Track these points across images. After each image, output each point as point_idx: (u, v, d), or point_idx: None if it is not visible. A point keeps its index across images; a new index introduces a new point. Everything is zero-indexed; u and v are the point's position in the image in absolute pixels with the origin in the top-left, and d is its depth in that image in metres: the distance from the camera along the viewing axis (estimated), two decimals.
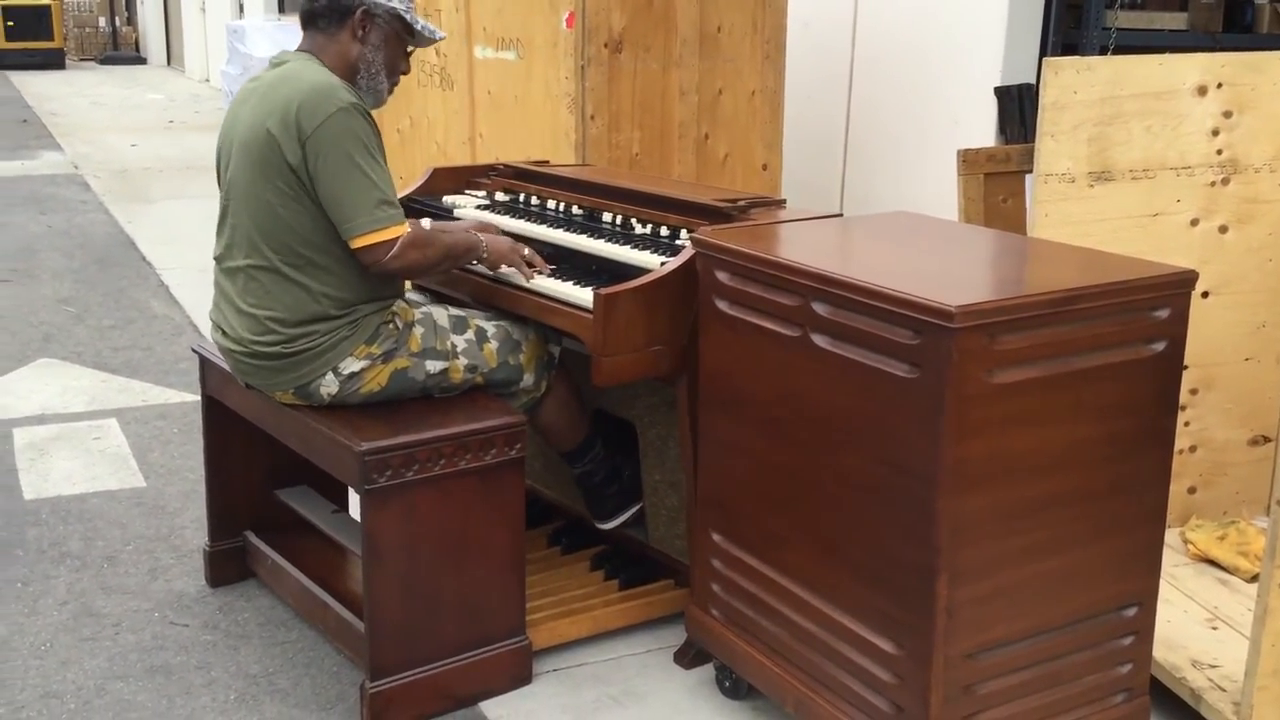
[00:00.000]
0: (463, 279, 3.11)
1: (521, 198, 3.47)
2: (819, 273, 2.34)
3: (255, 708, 2.84)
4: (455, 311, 2.98)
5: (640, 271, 2.79)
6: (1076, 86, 3.00)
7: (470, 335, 2.93)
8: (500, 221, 3.23)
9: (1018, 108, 4.76)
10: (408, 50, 2.96)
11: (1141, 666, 2.50)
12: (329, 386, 2.79)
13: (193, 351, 3.42)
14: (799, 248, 2.67)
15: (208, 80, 17.12)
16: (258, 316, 2.79)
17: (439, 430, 2.71)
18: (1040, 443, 2.22)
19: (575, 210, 3.28)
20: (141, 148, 11.25)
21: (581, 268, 2.98)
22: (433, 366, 2.86)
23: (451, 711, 2.81)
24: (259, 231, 2.77)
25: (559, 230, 3.15)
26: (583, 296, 2.75)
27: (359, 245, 2.71)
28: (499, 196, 3.54)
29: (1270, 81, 3.15)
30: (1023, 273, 2.59)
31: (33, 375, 5.13)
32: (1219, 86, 3.11)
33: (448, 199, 3.52)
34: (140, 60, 21.44)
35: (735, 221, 2.90)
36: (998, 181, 3.98)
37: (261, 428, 3.07)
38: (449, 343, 2.89)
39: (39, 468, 4.19)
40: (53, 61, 18.92)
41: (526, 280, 2.92)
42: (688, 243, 2.78)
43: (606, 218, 3.16)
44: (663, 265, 2.76)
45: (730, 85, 4.28)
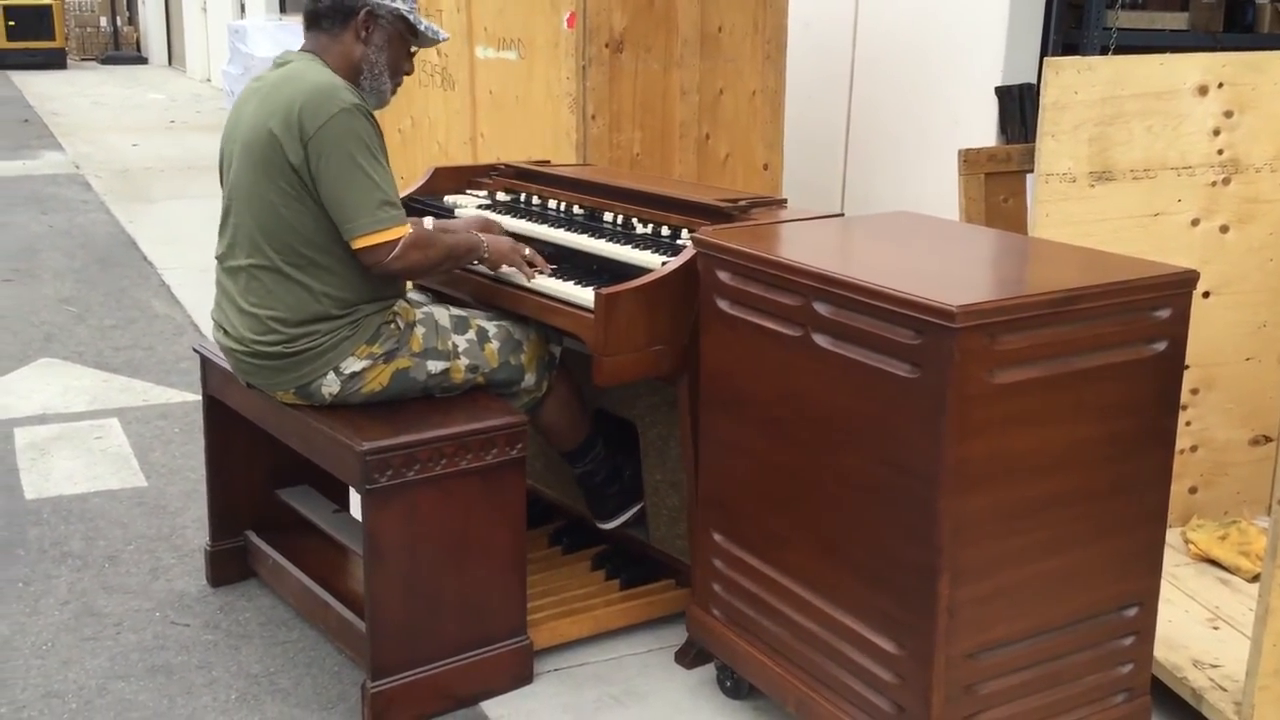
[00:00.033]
0: (464, 279, 3.11)
1: (523, 197, 3.47)
2: (820, 272, 2.34)
3: (256, 707, 2.84)
4: (457, 311, 2.98)
5: (641, 271, 2.79)
6: (1077, 86, 3.00)
7: (472, 335, 2.93)
8: (501, 220, 3.23)
9: (1018, 107, 4.76)
10: (411, 51, 2.96)
11: (1142, 666, 2.50)
12: (330, 386, 2.80)
13: (194, 351, 3.42)
14: (800, 247, 2.67)
15: (209, 80, 17.13)
16: (259, 316, 2.79)
17: (440, 430, 2.71)
18: (1041, 443, 2.23)
19: (576, 210, 3.28)
20: (143, 147, 11.25)
21: (582, 267, 2.98)
22: (434, 366, 2.86)
23: (453, 711, 2.81)
24: (261, 231, 2.77)
25: (560, 230, 3.15)
26: (584, 296, 2.76)
27: (361, 246, 2.71)
28: (500, 196, 3.54)
29: (1271, 81, 3.15)
30: (1024, 273, 2.59)
31: (34, 375, 5.14)
32: (1220, 86, 3.11)
33: (449, 199, 3.52)
34: (141, 60, 21.44)
35: (736, 221, 2.91)
36: (999, 181, 3.98)
37: (263, 427, 3.07)
38: (450, 343, 2.89)
39: (40, 467, 4.19)
40: (54, 61, 18.91)
41: (528, 280, 2.93)
42: (689, 242, 2.78)
43: (608, 217, 3.16)
44: (664, 265, 2.76)
45: (731, 85, 4.28)
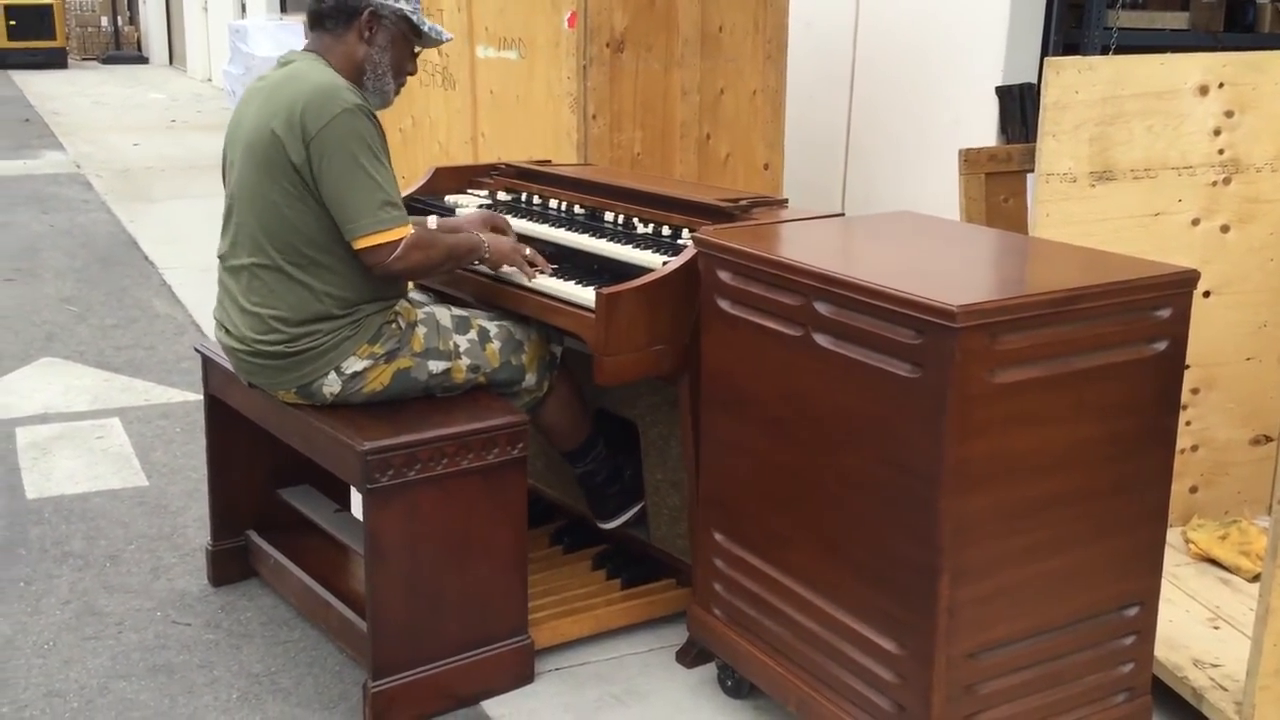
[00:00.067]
0: (465, 279, 3.12)
1: (523, 197, 3.47)
2: (821, 272, 2.34)
3: (258, 707, 2.84)
4: (458, 311, 2.98)
5: (642, 271, 2.79)
6: (1078, 86, 3.00)
7: (473, 335, 2.93)
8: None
9: (1019, 107, 4.76)
10: (414, 51, 2.96)
11: (1143, 666, 2.50)
12: (331, 386, 2.80)
13: (195, 351, 3.43)
14: (801, 247, 2.67)
15: (210, 80, 17.12)
16: (261, 315, 2.80)
17: (441, 429, 2.71)
18: (1042, 442, 2.23)
19: (577, 210, 3.28)
20: (144, 147, 11.25)
21: (583, 267, 2.99)
22: (435, 366, 2.86)
23: (454, 710, 2.81)
24: (263, 231, 2.77)
25: (561, 230, 3.15)
26: (585, 296, 2.76)
27: (362, 246, 2.71)
28: (501, 196, 3.55)
29: (1272, 81, 3.15)
30: (1024, 272, 2.59)
31: (35, 374, 5.14)
32: (1220, 86, 3.11)
33: (450, 198, 3.52)
34: (142, 60, 21.43)
35: (737, 221, 2.91)
36: (999, 181, 3.98)
37: (264, 427, 3.07)
38: (452, 343, 2.89)
39: (41, 467, 4.19)
40: (55, 61, 18.91)
41: (529, 280, 2.93)
42: (689, 242, 2.78)
43: (608, 217, 3.16)
44: (665, 265, 2.76)
45: (732, 85, 4.28)
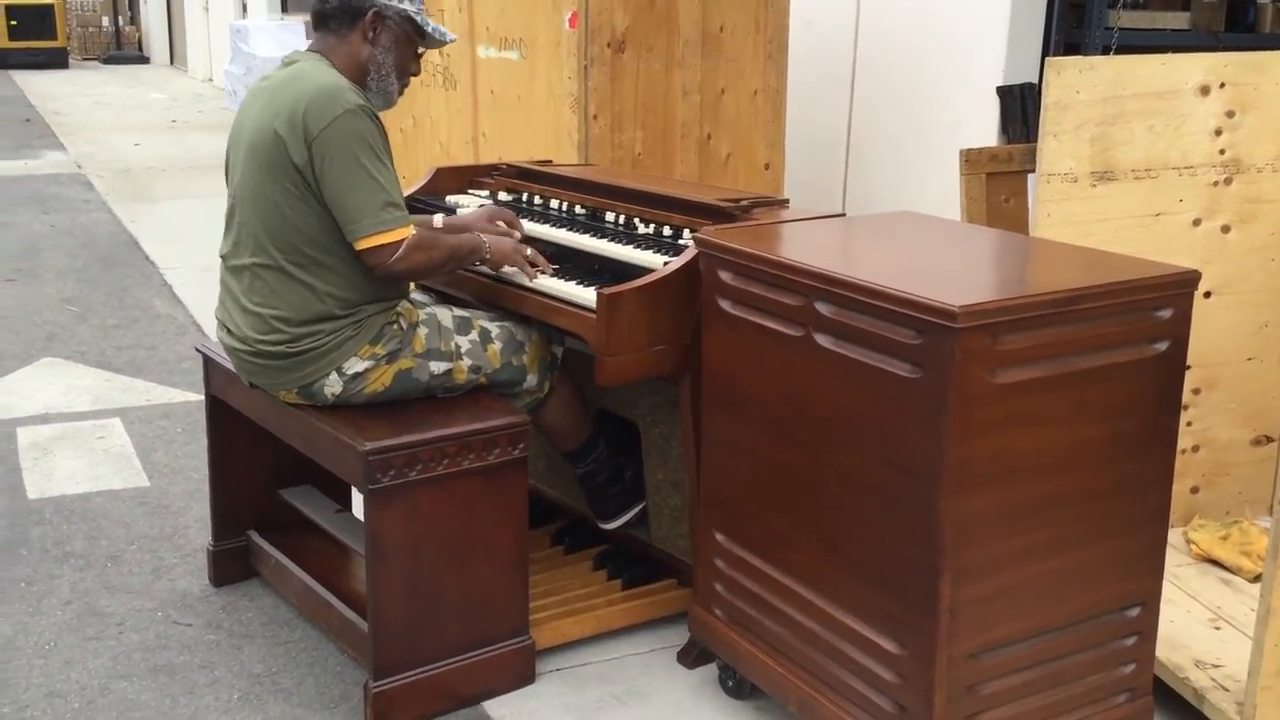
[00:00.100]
0: (466, 279, 3.12)
1: (524, 197, 3.47)
2: (822, 272, 2.34)
3: (259, 707, 2.84)
4: (459, 312, 2.98)
5: (643, 271, 2.79)
6: (1079, 86, 3.00)
7: (474, 336, 2.93)
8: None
9: (1020, 107, 4.76)
10: (418, 52, 2.97)
11: (1144, 666, 2.50)
12: (333, 386, 2.80)
13: (196, 351, 3.43)
14: (802, 247, 2.67)
15: (211, 80, 17.13)
16: (263, 315, 2.80)
17: (442, 430, 2.71)
18: (1043, 443, 2.23)
19: (578, 210, 3.28)
20: (145, 147, 11.25)
21: (584, 267, 2.99)
22: (437, 367, 2.87)
23: (455, 711, 2.81)
24: (265, 231, 2.77)
25: (562, 230, 3.15)
26: (586, 296, 2.76)
27: (364, 247, 2.71)
28: (502, 196, 3.54)
29: (1273, 81, 3.15)
30: (1025, 273, 2.59)
31: (36, 375, 5.14)
32: (1221, 86, 3.11)
33: (451, 198, 3.53)
34: (143, 60, 21.43)
35: (738, 221, 2.91)
36: (1000, 181, 3.98)
37: (265, 427, 3.07)
38: (453, 343, 2.89)
39: (43, 467, 4.19)
40: (56, 61, 18.90)
41: (530, 280, 2.93)
42: (690, 242, 2.78)
43: (609, 217, 3.16)
44: (666, 265, 2.76)
45: (733, 85, 4.28)
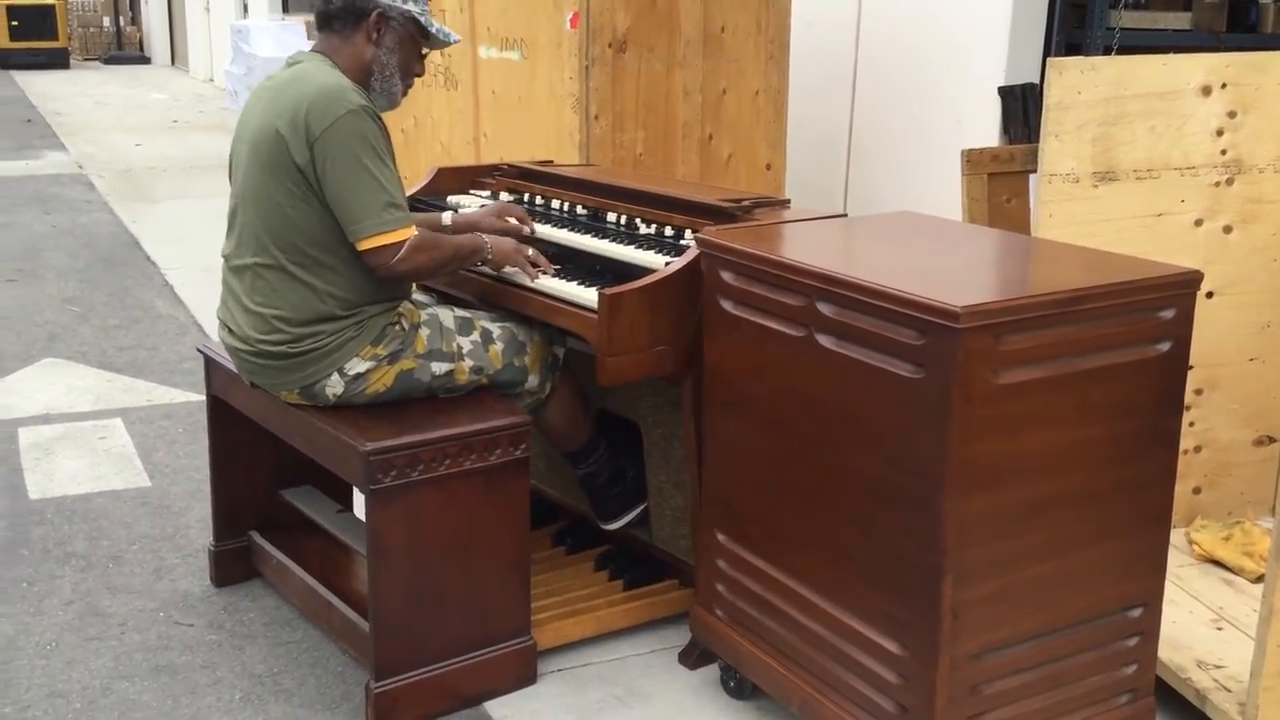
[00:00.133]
0: (468, 279, 3.11)
1: (526, 198, 3.47)
2: (824, 273, 2.34)
3: (260, 707, 2.84)
4: (461, 313, 2.98)
5: (645, 271, 2.79)
6: (1081, 86, 3.00)
7: (476, 337, 2.93)
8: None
9: (1021, 107, 4.76)
10: (422, 53, 2.96)
11: (1146, 667, 2.50)
12: (334, 387, 2.80)
13: (198, 351, 3.42)
14: (803, 248, 2.67)
15: (212, 80, 17.12)
16: (264, 315, 2.80)
17: (444, 430, 2.71)
18: (1045, 443, 2.22)
19: (580, 210, 3.28)
20: (146, 147, 11.25)
21: (586, 268, 2.99)
22: (438, 368, 2.86)
23: (456, 711, 2.81)
24: (267, 231, 2.77)
25: (563, 230, 3.15)
26: (587, 296, 2.76)
27: (366, 248, 2.71)
28: (503, 196, 3.54)
29: (1275, 81, 3.15)
30: (1027, 273, 2.59)
31: (38, 375, 5.14)
32: (1223, 86, 3.11)
33: (452, 199, 3.52)
34: (144, 60, 21.43)
35: (740, 221, 2.90)
36: (1002, 181, 3.98)
37: (266, 428, 3.07)
38: (455, 344, 2.89)
39: (44, 467, 4.19)
40: (57, 61, 18.90)
41: (531, 280, 2.93)
42: (692, 243, 2.78)
43: (611, 218, 3.16)
44: (667, 265, 2.76)
45: (734, 85, 4.28)
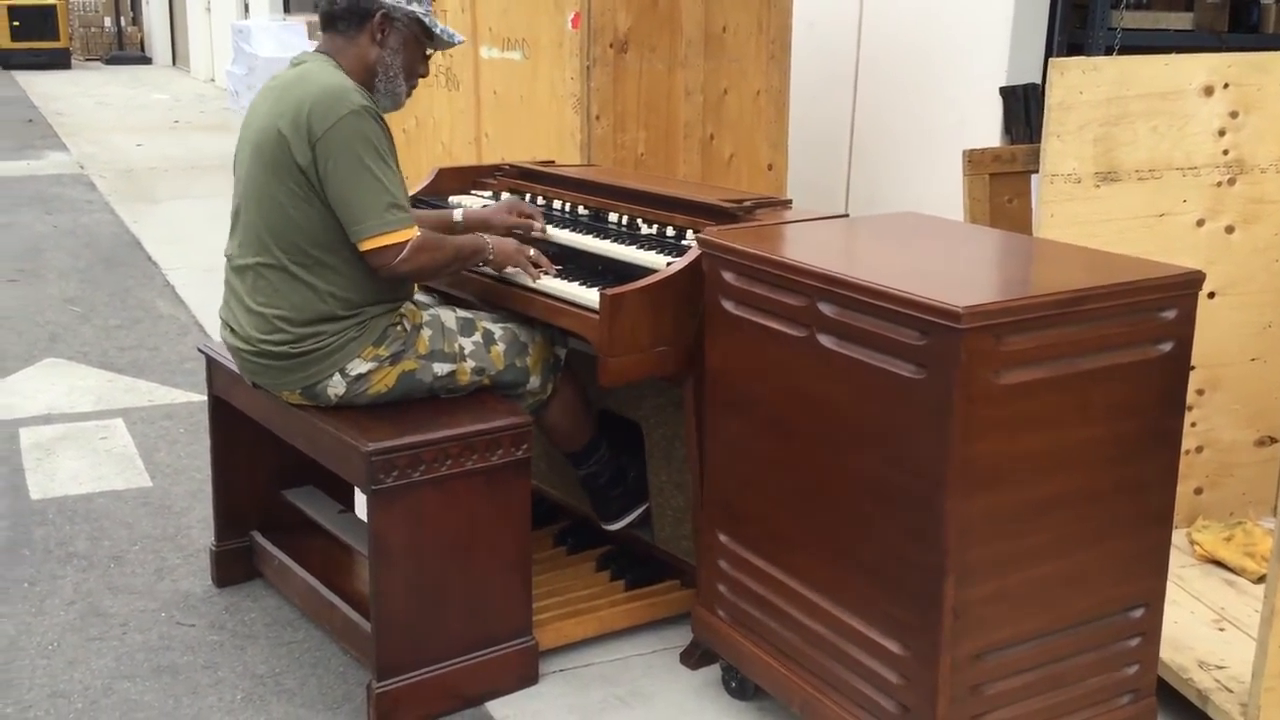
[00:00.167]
0: (469, 280, 3.11)
1: (527, 198, 3.47)
2: (825, 273, 2.34)
3: (262, 708, 2.84)
4: (463, 313, 2.98)
5: (646, 272, 2.79)
6: (1082, 87, 3.00)
7: (478, 337, 2.93)
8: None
9: (1023, 108, 4.76)
10: (426, 54, 2.96)
11: (1148, 668, 2.50)
12: (336, 387, 2.80)
13: (199, 351, 3.42)
14: (805, 248, 2.67)
15: (213, 80, 17.14)
16: (266, 315, 2.80)
17: (445, 431, 2.71)
18: (1047, 444, 2.22)
19: (581, 210, 3.28)
20: (147, 147, 11.26)
21: (587, 268, 2.99)
22: (440, 369, 2.86)
23: (458, 711, 2.81)
24: (269, 231, 2.77)
25: (565, 230, 3.15)
26: (588, 297, 2.75)
27: (368, 248, 2.71)
28: (505, 197, 3.54)
29: (1276, 82, 3.14)
30: (1029, 273, 2.59)
31: (39, 375, 5.14)
32: (1225, 87, 3.11)
33: (453, 199, 3.53)
34: (145, 60, 21.44)
35: (741, 222, 2.90)
36: (1003, 182, 3.98)
37: (268, 428, 3.07)
38: (456, 345, 2.89)
39: (45, 467, 4.19)
40: (58, 61, 18.90)
41: (533, 281, 2.93)
42: (693, 243, 2.78)
43: (612, 218, 3.16)
44: (669, 265, 2.76)
45: (735, 85, 4.28)
